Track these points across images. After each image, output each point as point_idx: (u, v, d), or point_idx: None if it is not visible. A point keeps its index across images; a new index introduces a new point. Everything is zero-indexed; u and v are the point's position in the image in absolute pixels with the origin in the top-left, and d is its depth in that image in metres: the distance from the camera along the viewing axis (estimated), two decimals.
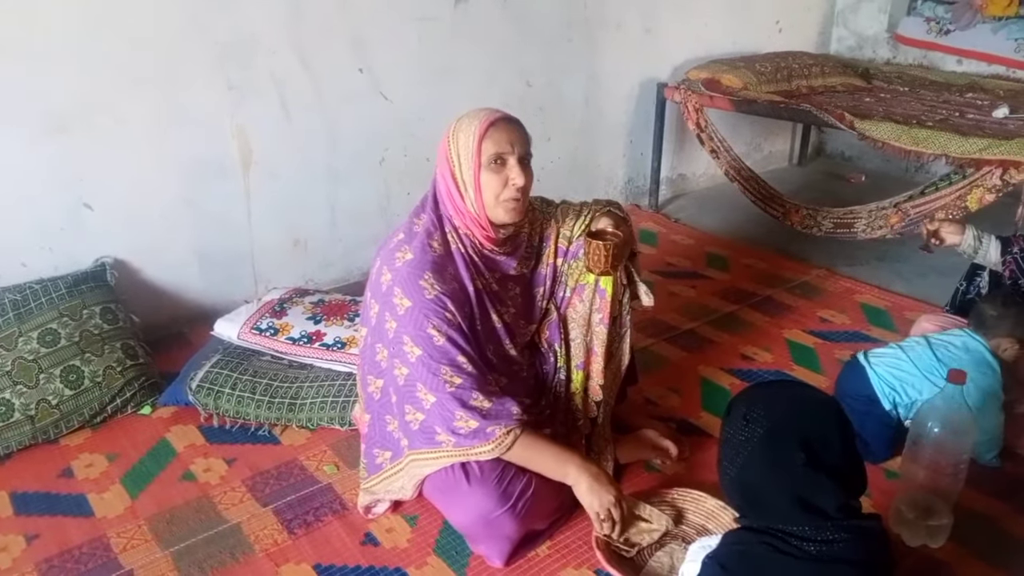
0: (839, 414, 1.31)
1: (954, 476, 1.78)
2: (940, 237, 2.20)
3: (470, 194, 1.65)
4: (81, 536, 1.77)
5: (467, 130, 1.63)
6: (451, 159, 1.66)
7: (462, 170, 1.65)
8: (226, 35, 2.52)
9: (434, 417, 1.60)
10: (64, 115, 2.31)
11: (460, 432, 1.58)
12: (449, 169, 1.66)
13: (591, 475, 1.64)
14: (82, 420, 2.12)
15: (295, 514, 1.83)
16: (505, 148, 1.62)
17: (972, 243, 2.17)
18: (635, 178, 3.96)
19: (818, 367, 2.48)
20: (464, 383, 1.59)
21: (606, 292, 1.81)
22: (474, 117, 1.65)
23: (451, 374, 1.59)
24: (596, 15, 3.48)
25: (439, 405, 1.59)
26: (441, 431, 1.60)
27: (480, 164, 1.62)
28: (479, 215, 1.66)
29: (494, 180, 1.63)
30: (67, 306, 2.22)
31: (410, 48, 2.95)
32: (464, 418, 1.58)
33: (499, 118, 1.65)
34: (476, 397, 1.59)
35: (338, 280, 3.03)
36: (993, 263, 2.18)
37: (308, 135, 2.80)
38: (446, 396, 1.58)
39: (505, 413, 1.61)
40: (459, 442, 1.59)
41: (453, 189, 1.66)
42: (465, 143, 1.63)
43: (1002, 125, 3.01)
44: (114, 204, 2.46)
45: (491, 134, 1.61)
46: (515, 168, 1.63)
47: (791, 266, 3.24)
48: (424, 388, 1.60)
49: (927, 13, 4.22)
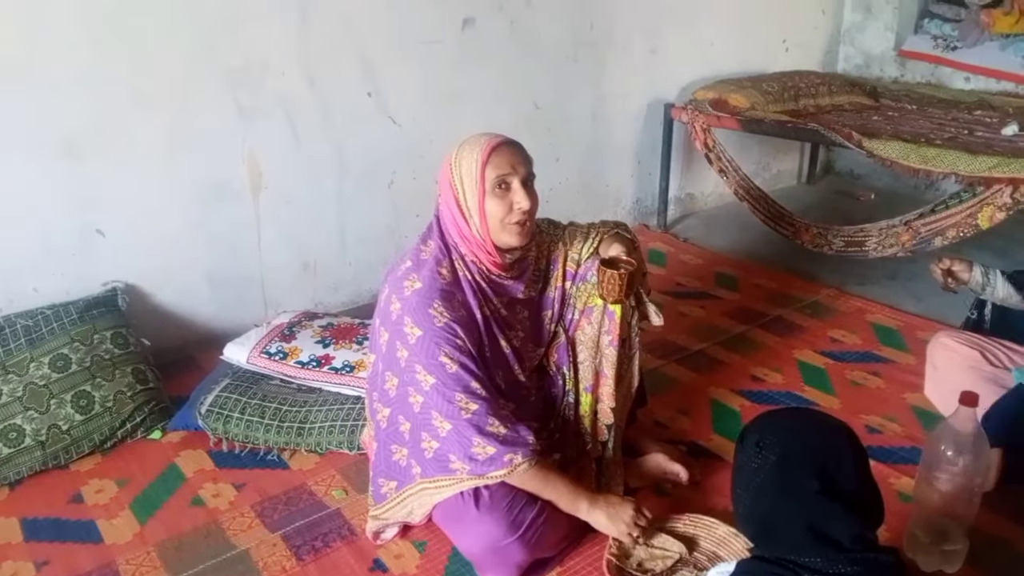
0: (854, 441, 1.28)
1: (969, 500, 1.76)
2: (955, 276, 2.20)
3: (475, 220, 1.65)
4: (90, 563, 1.76)
5: (469, 156, 1.64)
6: (455, 186, 1.66)
7: (466, 197, 1.65)
8: (236, 59, 2.55)
9: (451, 444, 1.60)
10: (76, 140, 2.33)
11: (478, 459, 1.58)
12: (453, 196, 1.67)
13: (604, 505, 1.67)
14: (92, 445, 2.12)
15: (304, 540, 1.83)
16: (508, 171, 1.63)
17: (980, 279, 2.17)
18: (643, 198, 3.96)
19: (829, 388, 2.46)
20: (480, 409, 1.59)
21: (615, 314, 1.80)
22: (475, 144, 1.65)
23: (466, 400, 1.58)
24: (602, 36, 3.50)
25: (456, 432, 1.58)
26: (456, 459, 1.59)
27: (484, 190, 1.62)
28: (485, 240, 1.67)
29: (499, 204, 1.63)
30: (78, 331, 2.23)
31: (418, 71, 2.97)
32: (482, 444, 1.58)
33: (500, 142, 1.65)
34: (492, 423, 1.59)
35: (347, 303, 3.04)
36: (1000, 299, 2.18)
37: (317, 159, 2.82)
38: (462, 423, 1.58)
39: (522, 441, 1.61)
40: (474, 469, 1.59)
41: (458, 216, 1.67)
42: (468, 169, 1.63)
43: (1012, 143, 2.99)
44: (125, 228, 2.48)
45: (493, 159, 1.62)
46: (519, 191, 1.64)
47: (801, 285, 3.23)
48: (439, 416, 1.59)
49: (934, 31, 4.22)
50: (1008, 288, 2.15)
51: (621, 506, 1.68)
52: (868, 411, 2.32)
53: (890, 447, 2.15)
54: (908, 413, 2.32)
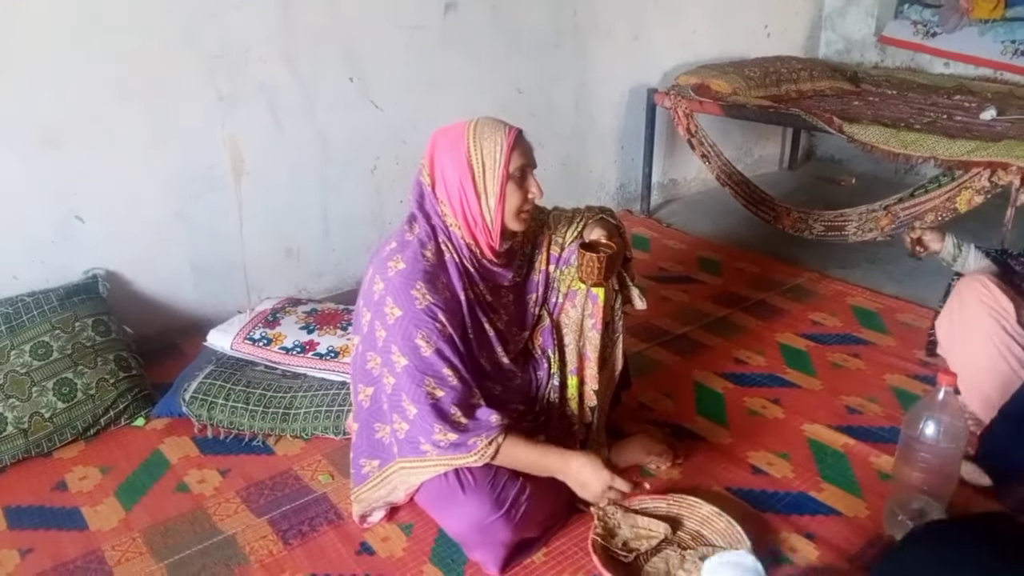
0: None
1: (947, 477, 1.79)
2: (924, 244, 2.20)
3: (490, 202, 1.65)
4: (75, 550, 1.76)
5: (492, 138, 1.63)
6: (473, 164, 1.63)
7: (485, 178, 1.64)
8: (215, 46, 2.52)
9: (416, 428, 1.60)
10: (55, 128, 2.30)
11: (440, 444, 1.59)
12: (471, 174, 1.64)
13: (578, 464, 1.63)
14: (75, 433, 2.11)
15: (290, 524, 1.83)
16: (527, 161, 1.67)
17: (952, 251, 2.16)
18: (627, 183, 3.98)
19: (811, 370, 2.49)
20: (445, 396, 1.59)
21: (598, 298, 1.81)
22: (495, 127, 1.65)
23: (434, 386, 1.59)
24: (585, 22, 3.49)
25: (420, 417, 1.59)
26: (424, 441, 1.60)
27: (507, 175, 1.63)
28: (495, 222, 1.66)
29: (517, 192, 1.65)
30: (59, 319, 2.21)
31: (400, 57, 2.96)
32: (443, 431, 1.58)
33: (520, 131, 1.68)
34: (455, 413, 1.59)
35: (331, 289, 3.03)
36: (972, 271, 2.17)
37: (299, 144, 2.80)
38: (426, 408, 1.58)
39: (484, 425, 1.61)
40: (442, 452, 1.60)
41: (471, 194, 1.64)
42: (491, 151, 1.63)
43: (990, 127, 3.03)
44: (106, 216, 2.46)
45: (517, 146, 1.65)
46: (534, 182, 1.68)
47: (783, 269, 3.26)
48: (407, 398, 1.60)
49: (914, 16, 4.25)
50: (981, 261, 2.12)
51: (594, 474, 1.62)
52: (849, 392, 2.36)
53: (870, 427, 2.18)
54: (888, 394, 2.35)
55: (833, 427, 2.18)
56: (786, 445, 2.11)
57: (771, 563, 1.69)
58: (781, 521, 1.83)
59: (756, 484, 1.96)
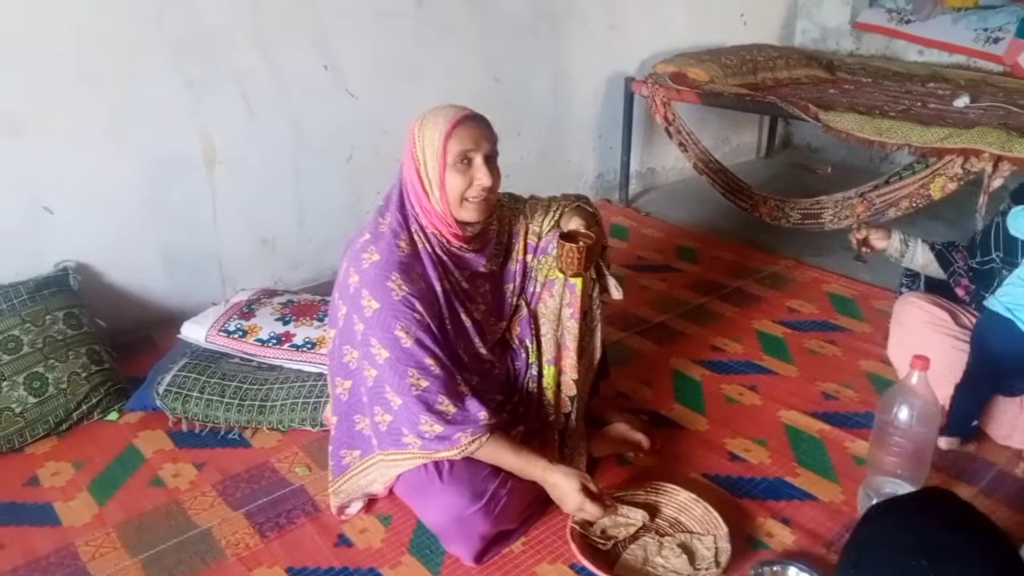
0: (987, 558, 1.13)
1: (920, 461, 1.82)
2: (870, 244, 2.21)
3: (435, 192, 1.64)
4: (48, 545, 1.73)
5: (433, 128, 1.61)
6: (417, 157, 1.64)
7: (427, 168, 1.63)
8: (182, 31, 2.47)
9: (401, 420, 1.59)
10: (17, 116, 2.25)
11: (425, 436, 1.58)
12: (415, 167, 1.64)
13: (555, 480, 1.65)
14: (47, 428, 2.08)
15: (267, 517, 1.81)
16: (470, 147, 1.61)
17: (899, 247, 2.17)
18: (605, 173, 3.97)
19: (788, 356, 2.51)
20: (430, 386, 1.58)
21: (576, 287, 1.81)
22: (440, 114, 1.63)
23: (418, 376, 1.58)
24: (561, 10, 3.48)
25: (405, 408, 1.58)
26: (408, 433, 1.59)
27: (446, 163, 1.60)
28: (445, 213, 1.65)
29: (459, 179, 1.61)
30: (29, 312, 2.17)
31: (375, 44, 2.92)
32: (429, 422, 1.57)
33: (466, 116, 1.63)
34: (441, 401, 1.59)
35: (307, 280, 3.00)
36: (920, 266, 2.18)
37: (273, 133, 2.77)
38: (411, 399, 1.57)
39: (471, 419, 1.60)
40: (425, 445, 1.59)
41: (419, 187, 1.65)
42: (431, 141, 1.61)
43: (963, 114, 3.05)
44: (74, 206, 2.41)
45: (457, 132, 1.60)
46: (481, 168, 1.62)
47: (760, 257, 3.27)
48: (391, 390, 1.59)
49: (888, 4, 4.28)
50: (928, 255, 2.15)
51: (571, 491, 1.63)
52: (825, 378, 2.38)
53: (846, 412, 2.20)
54: (863, 379, 2.37)
55: (809, 413, 2.20)
56: (763, 431, 2.13)
57: (748, 548, 1.70)
58: (758, 507, 1.84)
59: (733, 470, 1.97)
